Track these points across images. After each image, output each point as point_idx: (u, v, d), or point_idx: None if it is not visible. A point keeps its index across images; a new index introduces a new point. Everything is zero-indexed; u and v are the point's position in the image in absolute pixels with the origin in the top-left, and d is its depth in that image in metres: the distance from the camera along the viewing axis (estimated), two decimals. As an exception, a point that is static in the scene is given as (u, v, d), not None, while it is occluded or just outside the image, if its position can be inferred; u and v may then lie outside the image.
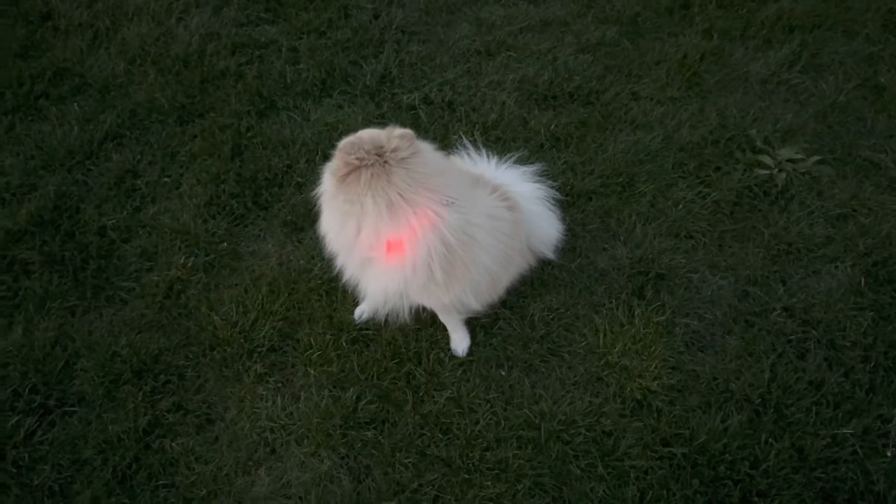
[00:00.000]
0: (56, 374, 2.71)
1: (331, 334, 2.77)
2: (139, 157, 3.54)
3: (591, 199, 3.23)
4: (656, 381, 2.59)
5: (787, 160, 3.30)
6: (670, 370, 2.63)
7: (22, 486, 2.42)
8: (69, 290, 2.98)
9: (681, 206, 3.17)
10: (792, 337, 2.72)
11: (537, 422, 2.51)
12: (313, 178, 2.89)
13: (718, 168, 3.34)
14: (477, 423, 2.52)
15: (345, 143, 2.06)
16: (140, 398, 2.62)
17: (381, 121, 3.57)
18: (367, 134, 2.11)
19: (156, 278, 3.01)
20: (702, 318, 2.80)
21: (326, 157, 2.25)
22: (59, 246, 3.12)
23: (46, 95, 3.88)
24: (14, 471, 2.46)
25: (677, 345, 2.71)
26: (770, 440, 2.43)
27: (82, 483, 2.43)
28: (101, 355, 2.74)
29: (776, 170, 3.28)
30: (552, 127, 3.54)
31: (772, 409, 2.51)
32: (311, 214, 2.94)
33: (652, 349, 2.67)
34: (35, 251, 3.10)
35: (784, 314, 2.79)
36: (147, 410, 2.60)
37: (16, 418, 2.57)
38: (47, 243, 3.13)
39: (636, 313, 2.79)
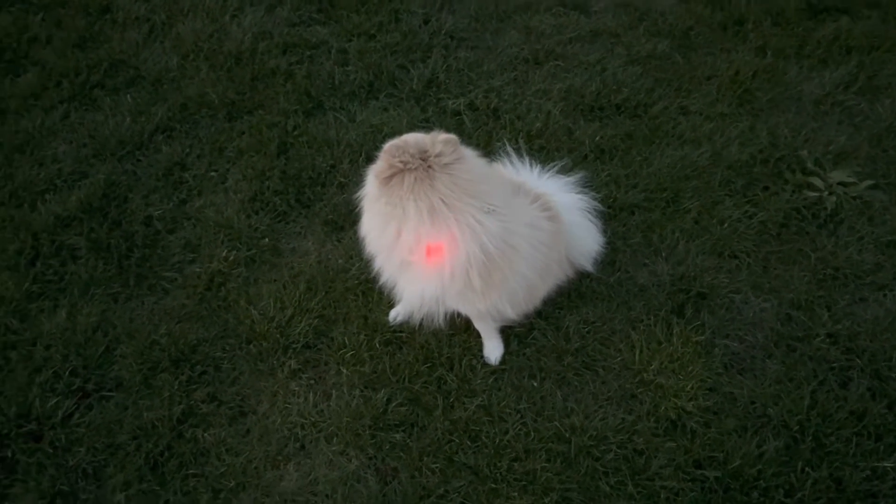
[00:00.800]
0: (96, 358, 2.77)
1: (365, 335, 2.78)
2: (188, 150, 3.61)
3: (633, 212, 3.19)
4: (692, 402, 2.54)
5: (839, 183, 3.22)
6: (707, 391, 2.58)
7: (57, 466, 2.47)
8: (113, 277, 3.04)
9: (726, 224, 3.11)
10: (835, 364, 2.65)
11: (568, 435, 2.48)
12: (356, 179, 2.91)
13: (767, 188, 3.28)
14: (506, 432, 2.50)
15: (390, 145, 2.07)
16: (176, 387, 2.66)
17: (425, 125, 3.58)
18: (413, 138, 2.12)
19: (198, 270, 3.06)
20: (742, 340, 2.75)
21: (370, 159, 2.27)
22: (105, 233, 3.19)
23: (101, 86, 3.98)
24: (51, 451, 2.51)
25: (716, 366, 2.65)
26: (807, 469, 2.36)
27: (115, 467, 2.47)
28: (141, 343, 2.80)
29: (826, 192, 3.20)
30: (597, 138, 3.52)
31: (810, 437, 2.44)
32: (351, 215, 2.96)
33: (689, 369, 2.63)
34: (83, 237, 3.17)
35: (828, 341, 2.71)
36: (182, 399, 2.63)
37: (55, 400, 2.63)
38: (95, 230, 3.20)
39: (675, 331, 2.74)
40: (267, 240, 3.17)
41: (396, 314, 2.80)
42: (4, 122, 3.75)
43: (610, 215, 3.13)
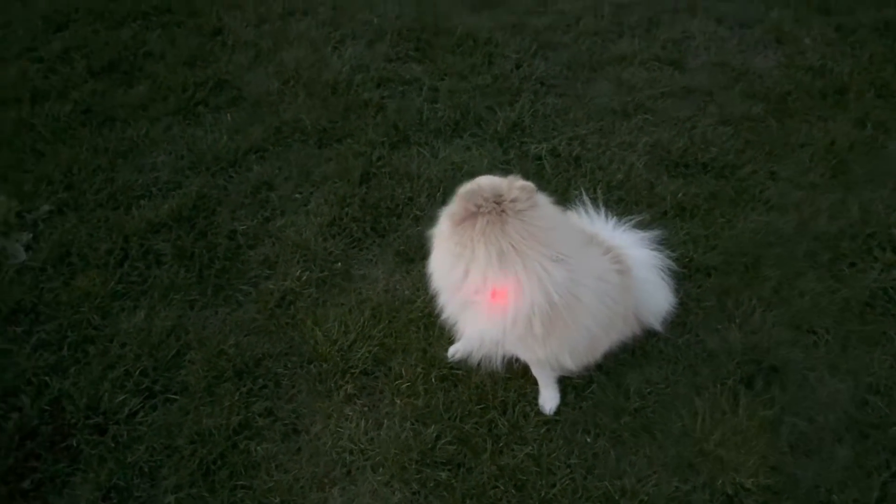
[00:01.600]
0: (166, 361, 2.88)
1: (422, 368, 2.80)
2: (277, 171, 3.75)
3: (709, 275, 3.11)
4: (752, 479, 2.42)
5: (933, 267, 3.06)
6: (769, 469, 2.46)
7: (117, 461, 2.57)
8: (192, 285, 3.18)
9: (807, 297, 2.99)
10: (911, 458, 2.49)
11: (617, 497, 2.40)
12: (432, 213, 2.95)
13: (853, 264, 3.14)
14: (554, 485, 2.45)
15: (465, 189, 2.10)
16: (236, 397, 2.74)
17: (505, 167, 3.61)
18: (488, 182, 2.14)
19: (272, 287, 3.16)
20: (812, 421, 2.61)
21: (447, 194, 2.30)
22: (191, 242, 3.34)
23: (205, 103, 4.20)
24: (112, 445, 2.61)
25: (781, 444, 2.53)
26: (871, 567, 2.22)
27: (170, 469, 2.55)
28: (210, 351, 2.90)
29: (919, 275, 3.04)
30: (679, 195, 3.46)
31: (877, 533, 2.30)
32: (423, 248, 3.00)
33: (753, 444, 2.52)
34: (169, 244, 3.33)
35: (906, 432, 2.56)
36: (241, 411, 2.70)
37: (123, 396, 2.74)
38: (181, 238, 3.36)
39: (741, 403, 2.64)
40: (340, 264, 3.25)
41: (455, 351, 2.81)
42: (113, 129, 4.00)
43: (684, 275, 3.06)
